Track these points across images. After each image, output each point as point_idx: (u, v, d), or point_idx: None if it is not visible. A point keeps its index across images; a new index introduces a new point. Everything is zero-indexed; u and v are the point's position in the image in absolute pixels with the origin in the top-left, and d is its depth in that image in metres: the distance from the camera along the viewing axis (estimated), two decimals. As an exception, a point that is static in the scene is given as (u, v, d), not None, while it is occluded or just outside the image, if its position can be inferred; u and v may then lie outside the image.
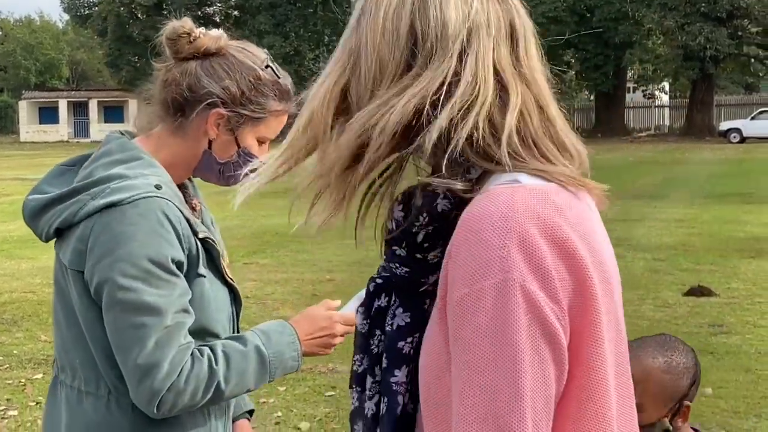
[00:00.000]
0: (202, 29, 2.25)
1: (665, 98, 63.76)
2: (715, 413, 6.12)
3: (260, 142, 2.29)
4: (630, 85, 60.81)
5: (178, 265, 2.11)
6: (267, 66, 2.26)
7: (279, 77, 2.27)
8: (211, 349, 2.15)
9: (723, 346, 7.86)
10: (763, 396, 6.52)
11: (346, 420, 2.29)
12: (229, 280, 2.29)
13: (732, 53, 51.21)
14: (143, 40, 55.90)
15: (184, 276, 2.14)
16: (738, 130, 49.41)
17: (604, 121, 56.68)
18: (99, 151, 2.24)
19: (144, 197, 2.08)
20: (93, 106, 68.46)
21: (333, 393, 6.55)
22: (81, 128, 68.19)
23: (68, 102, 69.32)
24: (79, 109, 69.19)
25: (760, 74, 59.43)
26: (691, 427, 2.44)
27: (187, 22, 2.23)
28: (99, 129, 66.43)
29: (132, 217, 2.06)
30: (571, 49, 54.70)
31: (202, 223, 2.33)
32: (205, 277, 2.19)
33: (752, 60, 56.19)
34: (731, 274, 11.15)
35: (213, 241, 2.23)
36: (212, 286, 2.22)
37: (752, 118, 50.50)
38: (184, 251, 2.13)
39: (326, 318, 2.35)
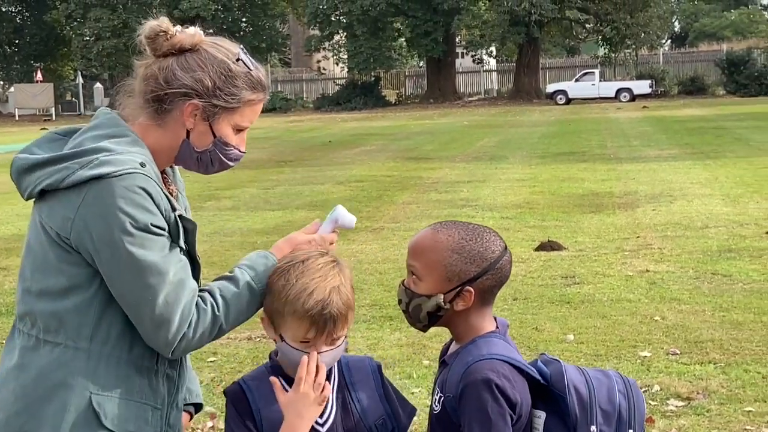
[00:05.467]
0: (179, 27, 2.39)
1: (493, 63, 65.07)
2: (579, 357, 6.51)
3: (237, 130, 2.43)
4: (459, 50, 61.86)
5: (161, 229, 2.28)
6: (238, 59, 2.39)
7: (251, 69, 2.41)
8: (212, 296, 2.34)
9: (577, 296, 8.31)
10: (621, 339, 6.96)
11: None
12: (197, 257, 2.45)
13: (555, 17, 52.78)
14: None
15: None
16: (564, 92, 51.15)
17: (436, 86, 57.57)
18: (90, 124, 2.38)
19: (129, 173, 2.23)
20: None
21: (215, 359, 6.66)
22: None
23: None
24: None
25: (581, 37, 61.43)
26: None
27: (164, 22, 2.37)
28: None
29: (118, 189, 2.21)
30: (401, 17, 55.22)
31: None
32: (183, 249, 2.36)
33: (573, 23, 58.07)
34: (576, 228, 11.71)
35: (188, 218, 2.38)
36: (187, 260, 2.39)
37: (576, 80, 52.36)
38: (165, 221, 2.29)
39: (306, 242, 2.52)
